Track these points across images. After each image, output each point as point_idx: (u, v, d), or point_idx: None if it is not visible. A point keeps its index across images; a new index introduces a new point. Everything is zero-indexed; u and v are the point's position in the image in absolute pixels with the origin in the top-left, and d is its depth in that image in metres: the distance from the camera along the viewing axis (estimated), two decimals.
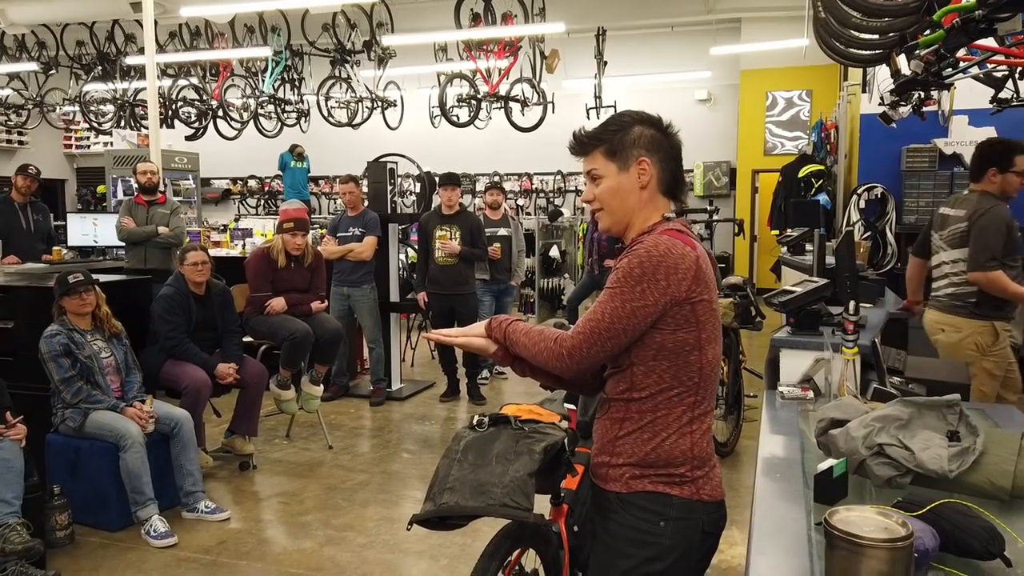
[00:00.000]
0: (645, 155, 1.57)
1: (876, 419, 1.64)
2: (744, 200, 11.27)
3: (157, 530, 3.48)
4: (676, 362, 1.51)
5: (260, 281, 4.70)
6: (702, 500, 1.52)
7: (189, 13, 8.08)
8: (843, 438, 1.63)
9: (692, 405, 1.53)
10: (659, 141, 1.58)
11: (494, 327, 1.62)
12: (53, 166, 14.47)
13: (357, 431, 5.26)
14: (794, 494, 1.60)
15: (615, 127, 1.59)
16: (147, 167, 5.71)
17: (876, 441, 1.59)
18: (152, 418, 3.68)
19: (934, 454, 1.53)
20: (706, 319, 1.51)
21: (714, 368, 1.55)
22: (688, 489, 1.52)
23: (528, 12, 7.76)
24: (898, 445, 1.57)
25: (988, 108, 4.99)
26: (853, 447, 1.60)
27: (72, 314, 3.70)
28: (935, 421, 1.65)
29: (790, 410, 2.28)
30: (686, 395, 1.52)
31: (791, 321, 2.55)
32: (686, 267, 1.47)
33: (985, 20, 2.97)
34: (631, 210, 1.59)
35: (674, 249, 1.48)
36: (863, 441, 1.60)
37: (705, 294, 1.50)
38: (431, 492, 1.66)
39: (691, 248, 1.51)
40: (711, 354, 1.53)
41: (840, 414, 1.74)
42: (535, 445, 1.70)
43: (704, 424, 1.55)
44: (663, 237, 1.50)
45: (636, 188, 1.57)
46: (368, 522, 3.73)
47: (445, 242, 5.75)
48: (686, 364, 1.51)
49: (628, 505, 1.54)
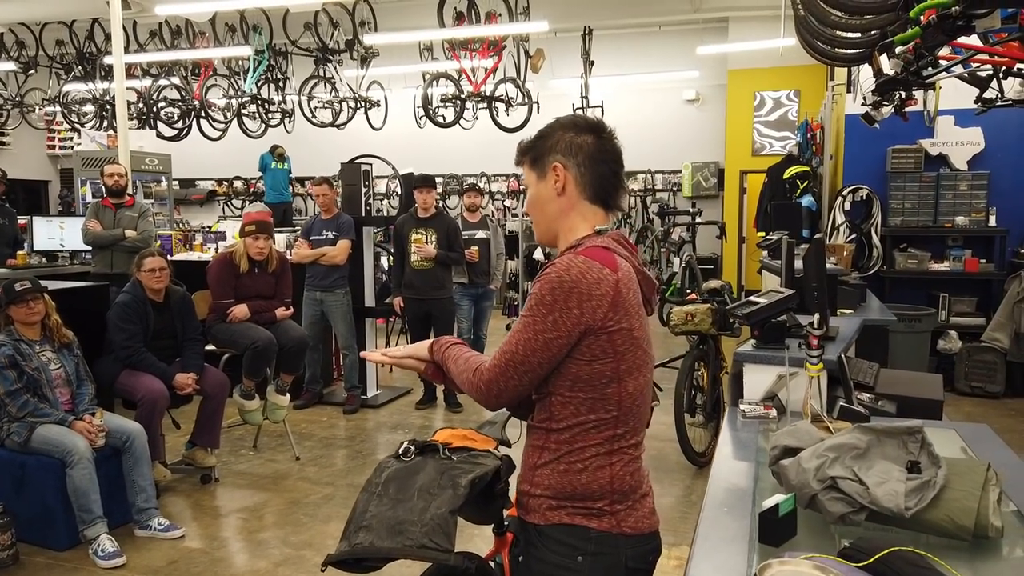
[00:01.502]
0: (560, 160, 1.48)
1: (830, 448, 1.51)
2: (732, 201, 11.15)
3: (105, 550, 3.33)
4: (592, 394, 1.41)
5: (222, 287, 4.55)
6: (624, 533, 1.42)
7: (164, 11, 7.92)
8: (794, 469, 1.50)
9: (611, 438, 1.43)
10: (581, 145, 1.47)
11: (435, 349, 1.58)
12: (36, 167, 14.29)
13: (328, 441, 5.12)
14: (739, 533, 1.47)
15: (540, 135, 1.53)
16: (114, 169, 5.56)
17: (829, 473, 1.46)
18: (102, 432, 3.54)
19: (890, 489, 1.40)
20: (625, 349, 1.40)
21: (636, 400, 1.44)
22: (608, 522, 1.42)
23: (512, 11, 7.63)
24: (852, 479, 1.44)
25: (973, 108, 4.89)
26: (804, 480, 1.47)
27: (19, 324, 3.55)
28: (895, 450, 1.52)
29: (751, 429, 2.15)
30: (604, 428, 1.42)
31: (755, 334, 2.43)
32: (601, 293, 1.36)
33: (962, 16, 2.85)
34: (552, 219, 1.51)
35: (588, 273, 1.37)
36: (815, 473, 1.47)
37: (624, 322, 1.39)
38: (347, 529, 1.52)
39: (611, 270, 1.39)
40: (632, 386, 1.43)
41: (794, 441, 1.61)
42: (461, 478, 1.56)
43: (628, 456, 1.45)
44: (578, 258, 1.39)
45: (553, 196, 1.49)
46: (328, 539, 3.59)
47: (420, 246, 5.61)
48: (603, 396, 1.41)
49: (545, 538, 1.46)
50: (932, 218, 6.46)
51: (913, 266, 6.53)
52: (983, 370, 6.10)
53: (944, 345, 6.28)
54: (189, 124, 9.42)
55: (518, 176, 12.46)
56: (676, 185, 11.84)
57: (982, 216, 6.36)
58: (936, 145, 6.50)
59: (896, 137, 6.41)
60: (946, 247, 6.56)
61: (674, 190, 11.84)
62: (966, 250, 6.47)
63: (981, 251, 6.45)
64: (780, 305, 2.27)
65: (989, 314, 6.28)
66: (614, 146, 1.50)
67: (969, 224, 6.37)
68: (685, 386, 4.38)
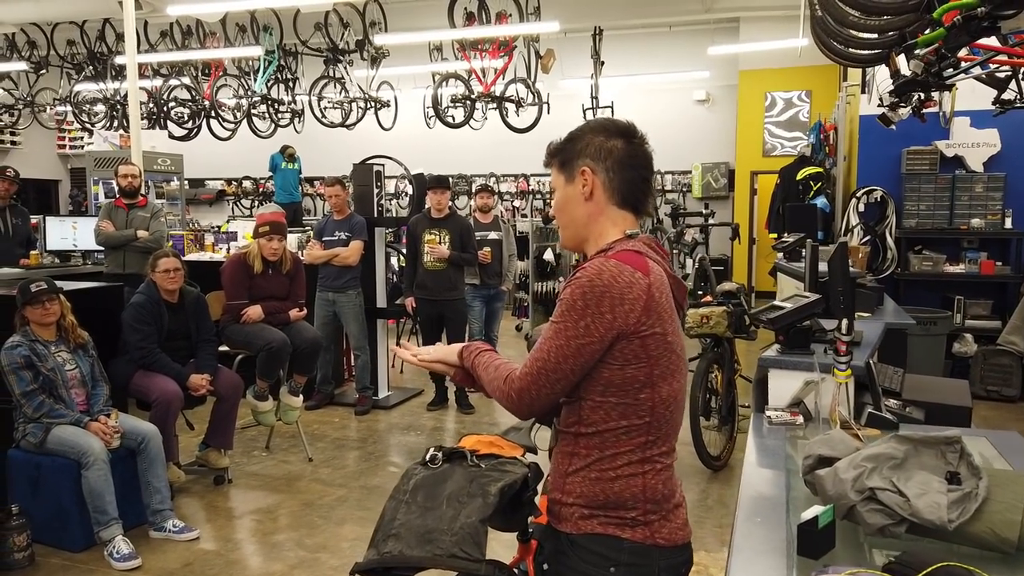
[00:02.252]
0: (589, 164, 1.45)
1: (868, 458, 1.48)
2: (743, 202, 11.10)
3: (120, 551, 3.32)
4: (624, 399, 1.38)
5: (236, 288, 4.54)
6: (657, 545, 1.39)
7: (176, 11, 7.93)
8: (831, 480, 1.47)
9: (643, 445, 1.40)
10: (611, 149, 1.45)
11: (465, 355, 1.58)
12: (47, 167, 14.34)
13: (340, 442, 5.11)
14: (775, 544, 1.44)
15: (569, 138, 1.50)
16: (128, 170, 5.56)
17: (867, 484, 1.43)
18: (117, 433, 3.53)
19: (932, 501, 1.37)
20: (659, 354, 1.38)
21: (670, 406, 1.42)
22: (641, 532, 1.39)
23: (523, 11, 7.61)
24: (892, 490, 1.41)
25: (991, 109, 4.84)
26: (842, 491, 1.44)
27: (35, 324, 3.55)
28: (933, 460, 1.49)
29: (778, 436, 2.12)
30: (636, 434, 1.40)
31: (780, 339, 2.39)
32: (634, 297, 1.35)
33: (988, 17, 2.82)
34: (580, 223, 1.49)
35: (620, 277, 1.35)
36: (853, 484, 1.44)
37: (658, 326, 1.37)
38: (375, 537, 1.50)
39: (643, 274, 1.37)
40: (665, 391, 1.40)
41: (828, 451, 1.58)
42: (490, 486, 1.54)
43: (659, 465, 1.42)
44: (610, 262, 1.37)
45: (581, 200, 1.47)
46: (343, 542, 3.58)
47: (434, 247, 5.59)
48: (636, 402, 1.38)
49: (577, 548, 1.43)
50: (947, 220, 6.41)
51: (928, 268, 6.47)
52: (999, 374, 6.04)
53: (959, 348, 6.23)
54: (199, 124, 9.43)
55: (527, 177, 12.44)
56: (686, 186, 11.79)
57: (998, 218, 6.31)
58: (952, 147, 6.45)
59: (911, 138, 6.36)
60: (961, 249, 6.51)
61: (684, 191, 11.80)
62: (981, 252, 6.42)
63: (997, 253, 6.40)
64: (806, 310, 2.24)
65: (1005, 317, 6.22)
66: (644, 151, 1.48)
67: (985, 226, 6.31)
68: (700, 389, 4.35)
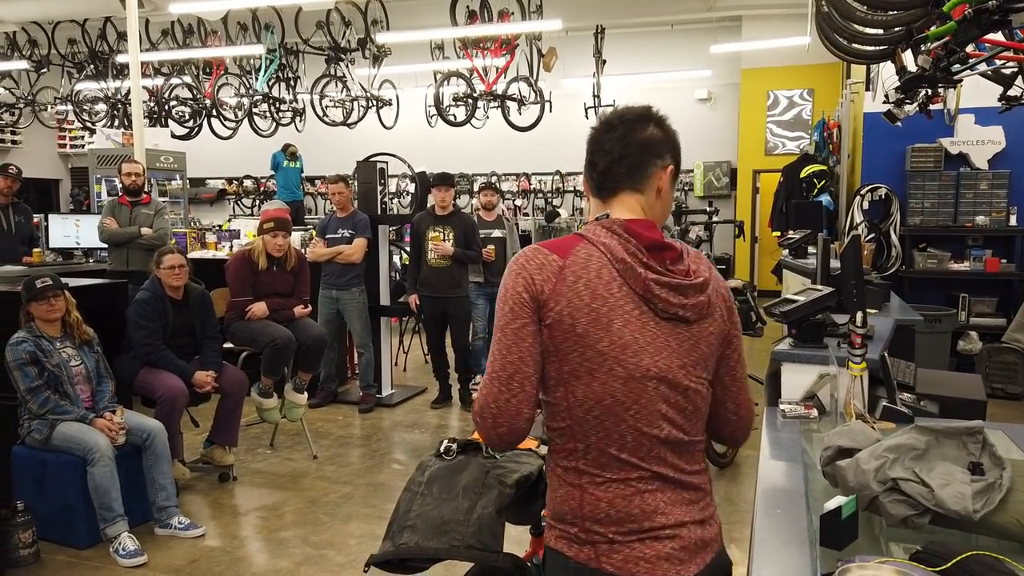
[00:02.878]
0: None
1: (889, 449, 1.47)
2: (745, 201, 11.09)
3: (126, 548, 3.30)
4: (546, 396, 1.27)
5: (241, 285, 4.52)
6: (603, 571, 1.22)
7: (178, 10, 7.91)
8: (852, 471, 1.46)
9: (573, 452, 1.25)
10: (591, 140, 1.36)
11: None
12: (47, 166, 14.32)
13: (344, 440, 5.09)
14: (797, 534, 1.42)
15: None
16: (132, 168, 5.55)
17: (890, 475, 1.41)
18: (123, 430, 3.51)
19: (956, 491, 1.35)
20: (568, 348, 1.22)
21: (591, 410, 1.23)
22: (585, 552, 1.23)
23: (525, 9, 7.60)
24: (915, 480, 1.39)
25: (995, 106, 4.82)
26: (864, 481, 1.43)
27: (40, 320, 3.53)
28: (954, 451, 1.48)
29: (792, 430, 2.11)
30: (565, 439, 1.26)
31: (793, 333, 2.38)
32: (543, 278, 1.23)
33: (999, 11, 2.80)
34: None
35: (533, 259, 1.25)
36: (875, 475, 1.42)
37: (566, 315, 1.21)
38: (391, 529, 1.49)
39: (558, 256, 1.24)
40: (581, 392, 1.23)
41: (848, 442, 1.56)
42: (507, 477, 1.53)
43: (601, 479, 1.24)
44: (532, 246, 1.29)
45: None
46: (349, 539, 3.56)
47: (438, 244, 5.57)
48: (553, 400, 1.26)
49: (546, 560, 1.33)
50: (952, 217, 6.40)
51: (932, 266, 6.46)
52: (1004, 371, 6.03)
53: (964, 346, 6.22)
54: (200, 123, 9.42)
55: (528, 176, 12.44)
56: (688, 185, 11.78)
57: (1003, 215, 6.30)
58: (956, 144, 6.43)
59: (915, 136, 6.35)
60: (966, 247, 6.50)
61: (686, 190, 11.78)
62: (986, 250, 6.41)
63: (1001, 251, 6.38)
64: (820, 303, 2.23)
65: (1010, 315, 6.21)
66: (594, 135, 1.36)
67: (989, 224, 6.30)
68: None
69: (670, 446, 1.25)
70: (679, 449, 1.27)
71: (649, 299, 1.23)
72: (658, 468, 1.24)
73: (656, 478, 1.24)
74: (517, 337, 1.22)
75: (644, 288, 1.22)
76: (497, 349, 1.23)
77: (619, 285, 1.22)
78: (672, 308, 1.24)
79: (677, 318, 1.25)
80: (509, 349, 1.22)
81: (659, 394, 1.24)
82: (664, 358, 1.24)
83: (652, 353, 1.23)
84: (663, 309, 1.23)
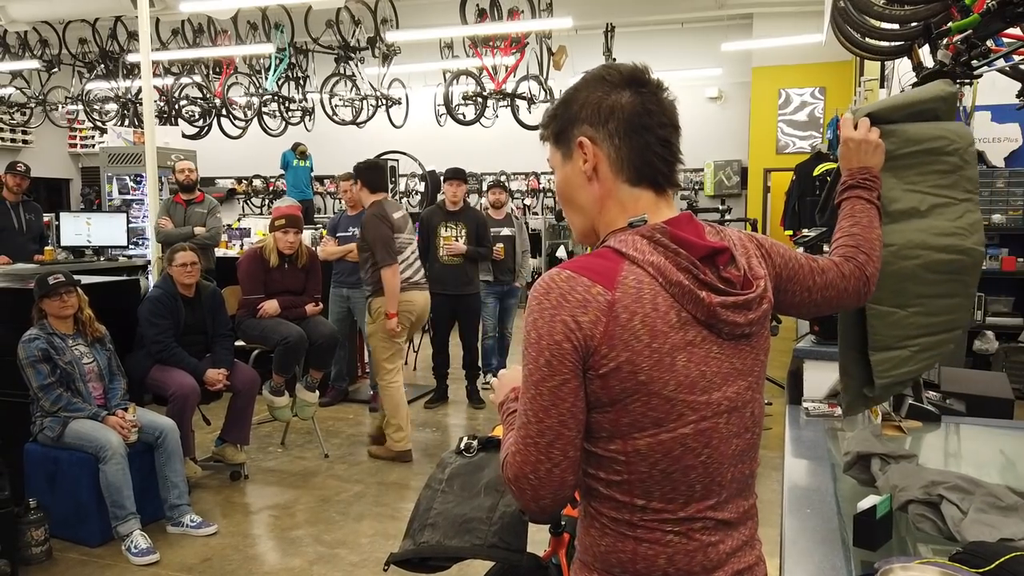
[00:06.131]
0: (587, 131, 1.09)
1: (965, 479, 1.39)
2: (756, 200, 11.02)
3: (138, 546, 3.29)
4: (593, 447, 1.06)
5: (252, 282, 4.51)
6: None
7: (188, 9, 7.92)
8: (899, 471, 1.41)
9: (628, 506, 1.06)
10: (614, 107, 1.07)
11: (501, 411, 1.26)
12: (58, 165, 14.38)
13: (355, 438, 5.07)
14: (829, 534, 1.39)
15: (563, 99, 1.13)
16: (185, 164, 5.71)
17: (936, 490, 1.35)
18: (135, 427, 3.50)
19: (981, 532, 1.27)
20: (627, 397, 1.01)
21: (658, 463, 1.04)
22: None
23: (535, 8, 7.57)
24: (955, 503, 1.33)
25: (1012, 104, 4.74)
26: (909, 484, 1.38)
27: (52, 317, 3.52)
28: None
29: (816, 428, 2.07)
30: (616, 490, 1.07)
31: (815, 329, 2.34)
32: (590, 320, 1.00)
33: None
34: (586, 211, 1.13)
35: (572, 295, 1.01)
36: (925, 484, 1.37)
37: (625, 360, 0.99)
38: (411, 527, 1.46)
39: (604, 287, 1.00)
40: (644, 444, 1.03)
41: (864, 448, 1.52)
42: None
43: (661, 533, 1.06)
44: (561, 275, 1.03)
45: (583, 181, 1.10)
46: (362, 538, 3.54)
47: (451, 244, 5.54)
48: (606, 453, 1.05)
49: None
50: None
51: None
52: (1020, 371, 5.95)
53: (980, 345, 6.14)
54: (210, 122, 9.43)
55: (538, 175, 12.39)
56: (698, 184, 11.72)
57: (1019, 214, 6.22)
58: None
59: None
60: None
61: (696, 189, 11.72)
62: (1003, 248, 6.32)
63: (1018, 249, 6.30)
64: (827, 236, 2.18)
65: None
66: (660, 102, 1.09)
67: (1006, 222, 6.22)
68: None
69: (737, 485, 1.11)
70: (744, 484, 1.12)
71: (713, 324, 1.04)
72: (723, 515, 1.09)
73: (720, 527, 1.09)
74: (556, 397, 1.01)
75: (709, 315, 1.03)
76: (531, 410, 1.03)
77: (677, 312, 1.02)
78: (740, 329, 1.06)
79: (742, 335, 1.08)
80: (547, 411, 1.02)
81: (730, 430, 1.08)
82: (732, 386, 1.07)
83: (720, 384, 1.06)
84: (729, 332, 1.06)
